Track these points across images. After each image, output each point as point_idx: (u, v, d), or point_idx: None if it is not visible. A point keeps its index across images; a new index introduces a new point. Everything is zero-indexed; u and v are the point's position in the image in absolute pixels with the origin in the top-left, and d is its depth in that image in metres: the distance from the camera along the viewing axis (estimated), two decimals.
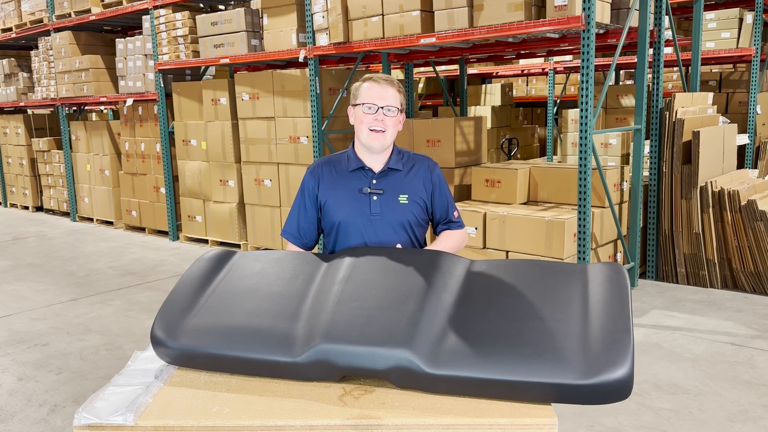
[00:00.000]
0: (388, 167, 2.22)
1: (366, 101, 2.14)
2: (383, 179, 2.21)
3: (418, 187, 2.24)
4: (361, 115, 2.16)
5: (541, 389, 1.42)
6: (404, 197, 2.21)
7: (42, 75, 8.83)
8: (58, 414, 3.22)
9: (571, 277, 1.78)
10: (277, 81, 6.04)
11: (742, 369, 3.53)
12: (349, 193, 2.20)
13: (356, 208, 2.19)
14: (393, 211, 2.19)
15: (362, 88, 2.17)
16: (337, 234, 2.23)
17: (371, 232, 2.19)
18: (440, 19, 4.73)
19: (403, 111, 2.21)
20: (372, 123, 2.14)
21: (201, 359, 1.62)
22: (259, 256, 2.00)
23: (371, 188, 2.19)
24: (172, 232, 7.42)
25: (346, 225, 2.20)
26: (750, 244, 4.77)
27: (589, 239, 4.38)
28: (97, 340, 4.24)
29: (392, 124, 2.16)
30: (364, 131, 2.16)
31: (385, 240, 2.20)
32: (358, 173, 2.22)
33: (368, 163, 2.22)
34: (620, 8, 4.56)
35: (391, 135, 2.17)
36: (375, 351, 1.51)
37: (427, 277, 1.78)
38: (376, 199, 2.19)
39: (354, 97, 2.20)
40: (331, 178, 2.24)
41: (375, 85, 2.15)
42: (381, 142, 2.16)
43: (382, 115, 2.13)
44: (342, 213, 2.20)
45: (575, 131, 7.04)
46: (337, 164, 2.26)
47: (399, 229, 2.21)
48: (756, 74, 6.44)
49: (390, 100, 2.14)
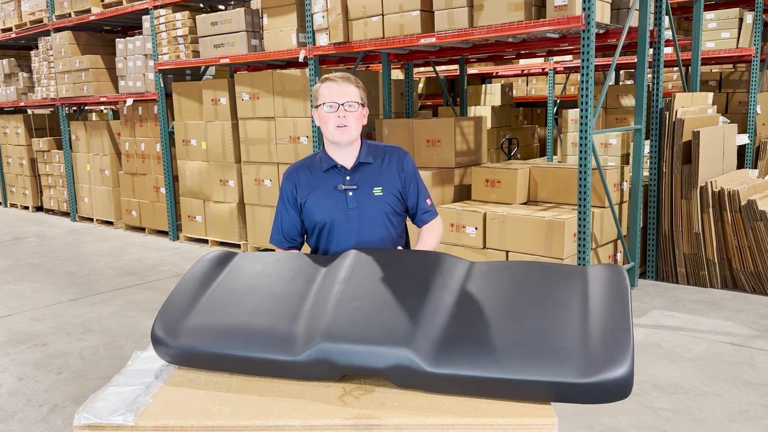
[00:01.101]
0: (359, 162, 2.29)
1: (326, 101, 2.20)
2: (356, 174, 2.28)
3: (392, 178, 2.31)
4: (324, 114, 2.22)
5: (541, 388, 1.42)
6: (378, 189, 2.28)
7: (42, 75, 8.83)
8: (58, 414, 3.22)
9: (570, 278, 1.79)
10: (277, 81, 6.04)
11: (742, 369, 3.53)
12: (325, 192, 2.28)
13: (334, 205, 2.26)
14: (369, 203, 2.26)
15: (321, 89, 2.23)
16: (320, 233, 2.31)
17: (352, 227, 2.25)
18: (440, 19, 4.73)
19: (365, 105, 2.27)
20: (336, 121, 2.20)
21: (201, 358, 1.62)
22: (260, 257, 2.01)
23: (345, 184, 2.27)
24: (172, 232, 7.42)
25: (327, 223, 2.27)
26: (750, 244, 4.77)
27: (589, 239, 4.38)
28: (97, 340, 4.24)
29: (355, 118, 2.23)
30: (330, 129, 2.22)
31: (367, 233, 2.26)
32: (331, 172, 2.29)
33: (339, 160, 2.29)
34: (620, 8, 4.56)
35: (355, 129, 2.24)
36: (375, 350, 1.51)
37: (428, 277, 1.79)
38: (352, 195, 2.26)
39: (315, 99, 2.26)
40: (307, 181, 2.31)
41: (333, 84, 2.21)
42: (347, 136, 2.22)
43: (343, 112, 2.20)
44: (322, 212, 2.28)
45: (575, 131, 7.04)
46: (311, 166, 2.33)
47: (378, 221, 2.28)
48: (756, 74, 6.44)
49: (350, 96, 2.20)
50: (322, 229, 2.29)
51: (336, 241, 2.28)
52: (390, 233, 2.31)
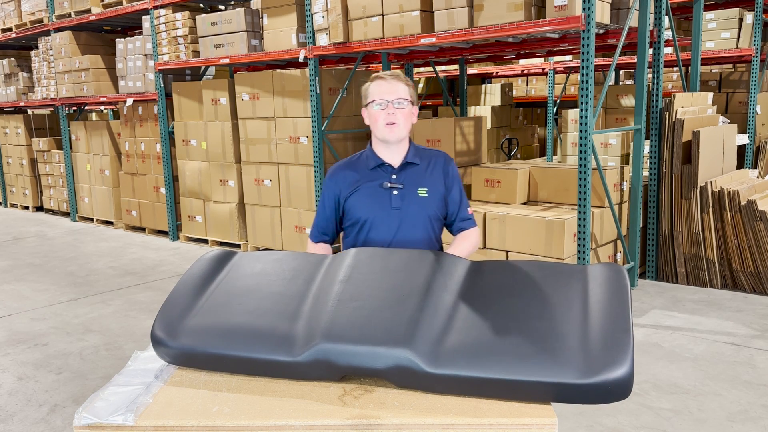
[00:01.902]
0: (406, 161, 2.27)
1: (376, 98, 2.19)
2: (402, 173, 2.27)
3: (437, 181, 2.29)
4: (374, 112, 2.21)
5: (541, 388, 1.42)
6: (423, 190, 2.26)
7: (42, 75, 8.83)
8: (58, 414, 3.22)
9: (570, 278, 1.79)
10: (277, 81, 6.04)
11: (742, 369, 3.53)
12: (370, 190, 2.26)
13: (378, 203, 2.25)
14: (413, 204, 2.24)
15: (371, 87, 2.23)
16: (360, 230, 2.29)
17: (394, 227, 2.24)
18: (440, 19, 4.73)
19: (415, 103, 2.26)
20: (386, 118, 2.19)
21: (201, 359, 1.62)
22: (259, 257, 2.01)
23: (391, 183, 2.25)
24: (172, 232, 7.42)
25: (369, 221, 2.26)
26: (750, 244, 4.77)
27: (589, 239, 4.38)
28: (97, 340, 4.24)
29: (404, 116, 2.21)
30: (380, 127, 2.21)
31: (408, 234, 2.24)
32: (377, 170, 2.28)
33: (387, 159, 2.28)
34: (620, 8, 4.56)
35: (405, 127, 2.22)
36: (375, 350, 1.51)
37: (428, 277, 1.78)
38: (397, 193, 2.24)
39: (364, 97, 2.25)
40: (352, 178, 2.30)
41: (383, 82, 2.20)
42: (396, 134, 2.21)
43: (393, 109, 2.19)
44: (365, 210, 2.26)
45: (575, 131, 7.04)
46: (356, 164, 2.33)
47: (420, 223, 2.26)
48: (756, 74, 6.44)
49: (399, 94, 2.19)
50: (363, 227, 2.28)
51: (375, 239, 2.26)
52: (429, 235, 2.29)
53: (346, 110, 6.08)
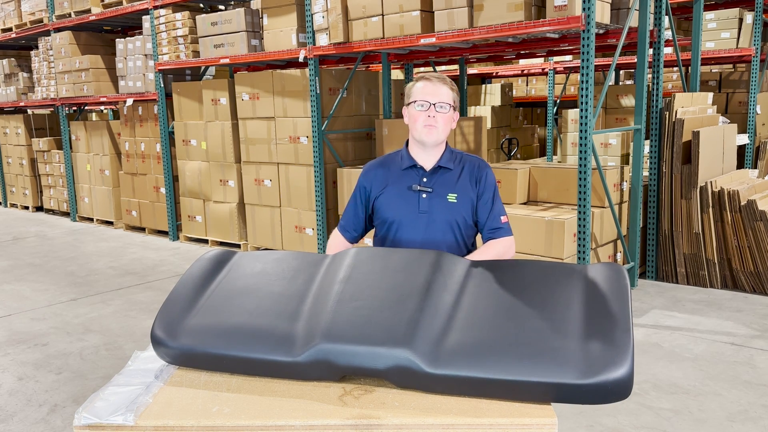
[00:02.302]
0: (438, 165, 2.27)
1: (419, 99, 2.20)
2: (433, 177, 2.27)
3: (468, 188, 2.27)
4: (414, 113, 2.21)
5: (541, 389, 1.42)
6: (453, 196, 2.25)
7: (42, 75, 8.83)
8: (58, 414, 3.22)
9: (570, 278, 1.79)
10: (277, 81, 6.04)
11: (742, 369, 3.53)
12: (399, 191, 2.27)
13: (405, 204, 2.25)
14: (441, 209, 2.24)
15: (415, 87, 2.23)
16: (388, 230, 2.30)
17: (420, 230, 2.24)
18: (440, 19, 4.73)
19: (457, 109, 2.26)
20: (425, 120, 2.19)
21: (201, 359, 1.62)
22: (259, 257, 2.01)
23: (420, 186, 2.25)
24: (172, 232, 7.42)
25: (396, 222, 2.26)
26: (750, 244, 4.77)
27: (589, 239, 4.38)
28: (97, 340, 4.24)
29: (444, 120, 2.21)
30: (418, 128, 2.21)
31: (433, 238, 2.24)
32: (410, 171, 2.28)
33: (420, 161, 2.28)
34: (620, 8, 4.56)
35: (443, 130, 2.22)
36: (375, 350, 1.51)
37: (428, 277, 1.78)
38: (425, 197, 2.24)
39: (407, 96, 2.25)
40: (384, 178, 2.30)
41: (428, 83, 2.21)
42: (434, 137, 2.21)
43: (434, 112, 2.19)
44: (392, 210, 2.26)
45: (575, 131, 7.04)
46: (390, 164, 2.33)
47: (447, 228, 2.25)
48: (756, 74, 6.44)
49: (442, 97, 2.19)
50: (390, 227, 2.28)
51: (402, 240, 2.26)
52: (457, 242, 2.27)
53: (346, 110, 6.08)
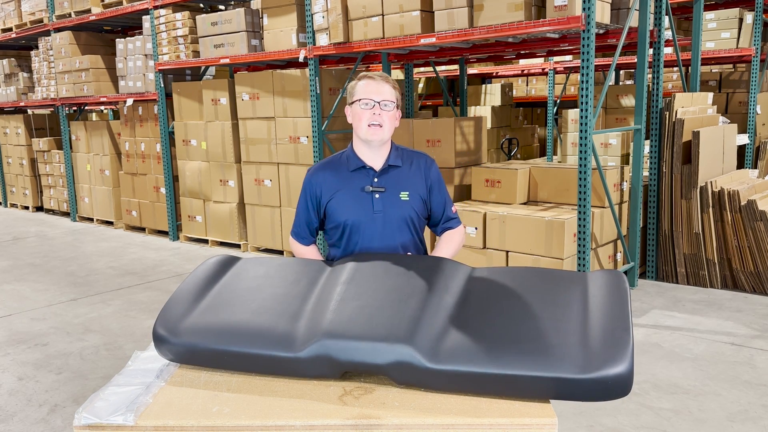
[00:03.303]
0: (388, 164, 2.26)
1: (363, 97, 2.18)
2: (384, 177, 2.25)
3: (418, 184, 2.28)
4: (359, 111, 2.19)
5: (541, 384, 1.43)
6: (405, 194, 2.25)
7: (42, 75, 8.83)
8: (58, 414, 3.22)
9: (571, 282, 1.81)
10: (277, 81, 6.04)
11: (742, 369, 3.53)
12: (351, 193, 2.24)
13: (360, 207, 2.23)
14: (395, 207, 2.23)
15: (358, 85, 2.21)
16: (343, 233, 2.27)
17: (376, 230, 2.22)
18: (440, 19, 4.73)
19: (399, 107, 2.25)
20: (370, 118, 2.17)
21: (202, 355, 1.62)
22: (263, 261, 2.02)
23: (373, 186, 2.23)
24: (172, 232, 7.42)
25: (351, 224, 2.24)
26: (750, 244, 4.77)
27: (589, 239, 4.38)
28: (97, 340, 4.24)
29: (389, 118, 2.20)
30: (363, 127, 2.19)
31: (390, 237, 2.23)
32: (359, 172, 2.25)
33: (368, 161, 2.25)
34: (620, 8, 4.56)
35: (388, 130, 2.21)
36: (376, 346, 1.52)
37: (429, 280, 1.80)
38: (378, 197, 2.22)
39: (350, 95, 2.23)
40: (333, 180, 2.27)
41: (371, 81, 2.19)
42: (380, 136, 2.19)
43: (379, 110, 2.17)
44: (347, 213, 2.24)
45: (575, 131, 7.04)
46: (336, 166, 2.29)
47: (402, 226, 2.25)
48: (756, 74, 6.44)
49: (386, 95, 2.18)
50: (345, 230, 2.26)
51: (358, 243, 2.24)
52: (413, 238, 2.29)
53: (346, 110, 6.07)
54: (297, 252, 2.40)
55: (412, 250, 2.29)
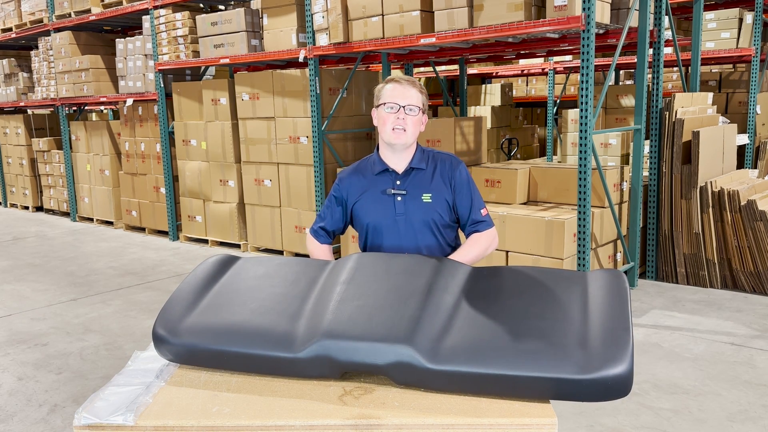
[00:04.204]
0: (410, 167, 2.27)
1: (388, 101, 2.19)
2: (406, 179, 2.27)
3: (442, 186, 2.28)
4: (384, 115, 2.21)
5: (541, 384, 1.43)
6: (428, 196, 2.25)
7: (42, 75, 8.83)
8: (58, 414, 3.22)
9: (570, 282, 1.81)
10: (277, 81, 6.04)
11: (741, 369, 3.53)
12: (374, 196, 2.28)
13: (382, 209, 2.26)
14: (417, 210, 2.24)
15: (385, 89, 2.23)
16: (367, 235, 2.31)
17: (398, 233, 2.25)
18: (440, 19, 4.73)
19: (425, 111, 2.26)
20: (394, 122, 2.19)
21: (202, 355, 1.62)
22: (263, 261, 2.02)
23: (394, 189, 2.25)
24: (172, 232, 7.42)
25: (374, 226, 2.27)
26: (750, 244, 4.77)
27: (588, 239, 4.38)
28: (97, 340, 4.24)
29: (413, 123, 2.21)
30: (387, 130, 2.21)
31: (412, 240, 2.25)
32: (382, 175, 2.28)
33: (391, 164, 2.28)
34: (620, 8, 4.56)
35: (412, 134, 2.22)
36: (376, 346, 1.52)
37: (429, 279, 1.80)
38: (400, 200, 2.24)
39: (377, 98, 2.26)
40: (359, 184, 2.31)
41: (397, 85, 2.21)
42: (403, 140, 2.21)
43: (403, 114, 2.18)
44: (370, 215, 2.28)
45: (575, 131, 7.04)
46: (363, 170, 2.34)
47: (424, 229, 2.25)
48: (756, 74, 6.44)
49: (412, 100, 2.19)
50: (369, 232, 2.30)
51: (381, 244, 2.27)
52: (438, 241, 2.28)
53: (346, 110, 6.08)
54: (310, 250, 2.43)
55: (437, 253, 2.28)
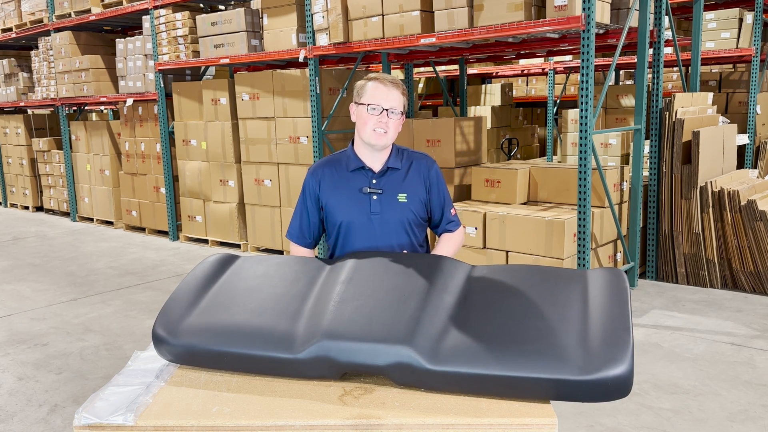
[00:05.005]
0: (387, 166, 2.24)
1: (371, 102, 2.15)
2: (383, 178, 2.24)
3: (417, 186, 2.26)
4: (365, 114, 2.17)
5: (541, 385, 1.42)
6: (403, 196, 2.23)
7: (42, 75, 8.83)
8: (58, 414, 3.22)
9: (570, 281, 1.81)
10: (277, 81, 6.04)
11: (741, 369, 3.53)
12: (349, 193, 2.23)
13: (357, 207, 2.21)
14: (393, 210, 2.22)
15: (367, 87, 2.17)
16: (338, 234, 2.26)
17: (372, 232, 2.21)
18: (440, 19, 4.73)
19: (405, 113, 2.24)
20: (376, 124, 2.15)
21: (202, 356, 1.62)
22: (262, 260, 2.02)
23: (371, 188, 2.22)
24: (172, 232, 7.42)
25: (348, 225, 2.23)
26: (750, 244, 4.77)
27: (588, 239, 4.38)
28: (97, 340, 4.24)
29: (395, 126, 2.19)
30: (368, 131, 2.17)
31: (387, 239, 2.22)
32: (358, 173, 2.24)
33: (368, 162, 2.24)
34: (620, 8, 4.56)
35: (392, 136, 2.20)
36: (376, 347, 1.52)
37: (429, 279, 1.79)
38: (376, 198, 2.21)
39: (358, 94, 2.20)
40: (332, 179, 2.26)
41: (381, 85, 2.16)
42: (383, 142, 2.18)
43: (386, 117, 2.15)
44: (344, 213, 2.23)
45: (575, 131, 7.04)
46: (337, 165, 2.28)
47: (399, 228, 2.24)
48: (756, 74, 6.44)
49: (394, 102, 2.16)
50: (341, 231, 2.25)
51: (354, 243, 2.23)
52: (410, 241, 2.27)
53: (346, 110, 6.08)
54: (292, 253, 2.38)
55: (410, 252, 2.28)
